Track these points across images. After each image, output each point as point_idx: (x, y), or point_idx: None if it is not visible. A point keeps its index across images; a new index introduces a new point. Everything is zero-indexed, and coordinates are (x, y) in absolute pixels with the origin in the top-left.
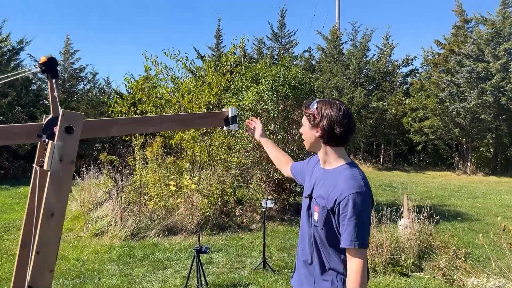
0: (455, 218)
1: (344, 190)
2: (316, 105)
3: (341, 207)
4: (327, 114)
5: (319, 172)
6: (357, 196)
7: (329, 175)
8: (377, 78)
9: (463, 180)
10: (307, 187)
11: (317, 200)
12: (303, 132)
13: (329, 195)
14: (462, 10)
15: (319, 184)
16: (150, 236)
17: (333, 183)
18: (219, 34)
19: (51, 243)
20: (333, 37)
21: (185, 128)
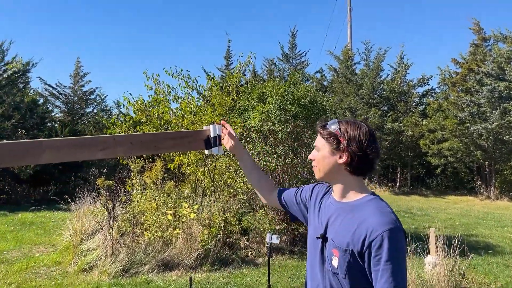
0: (485, 251)
1: (375, 227)
2: (339, 126)
3: (373, 248)
4: (356, 136)
5: (334, 206)
6: (392, 233)
7: (350, 210)
8: (392, 98)
9: (487, 205)
10: (316, 224)
11: (335, 241)
12: (319, 157)
13: (354, 234)
14: (480, 28)
15: (337, 221)
16: (143, 272)
17: (358, 219)
18: (229, 55)
19: None
20: (345, 57)
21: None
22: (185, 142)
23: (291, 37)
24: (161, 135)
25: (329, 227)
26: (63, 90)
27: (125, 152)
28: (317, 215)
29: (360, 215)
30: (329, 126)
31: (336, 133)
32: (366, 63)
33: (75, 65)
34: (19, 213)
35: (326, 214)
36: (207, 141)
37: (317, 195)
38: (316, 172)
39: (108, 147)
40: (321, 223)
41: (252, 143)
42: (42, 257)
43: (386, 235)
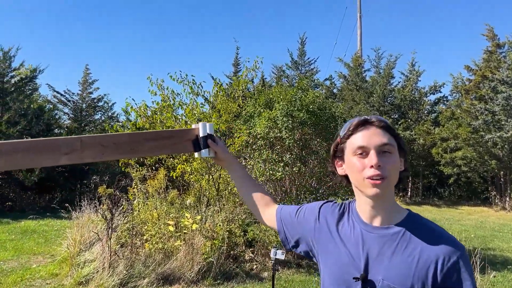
0: (504, 266)
1: (447, 255)
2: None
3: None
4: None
5: (374, 234)
6: (466, 258)
7: (399, 236)
8: (403, 106)
9: (503, 217)
10: (344, 261)
11: (390, 282)
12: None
13: (417, 268)
14: (494, 35)
15: (385, 254)
16: (142, 286)
17: (414, 247)
18: (237, 63)
19: None
20: (355, 64)
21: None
22: (169, 144)
23: (300, 44)
24: (139, 136)
25: (373, 263)
26: (71, 97)
27: (94, 156)
28: (341, 245)
29: (417, 241)
30: (391, 123)
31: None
32: (376, 70)
33: (83, 72)
34: (22, 221)
35: (360, 245)
36: (196, 142)
37: (326, 218)
38: (382, 186)
39: (74, 151)
40: (352, 258)
41: (258, 150)
42: (39, 268)
43: (463, 263)
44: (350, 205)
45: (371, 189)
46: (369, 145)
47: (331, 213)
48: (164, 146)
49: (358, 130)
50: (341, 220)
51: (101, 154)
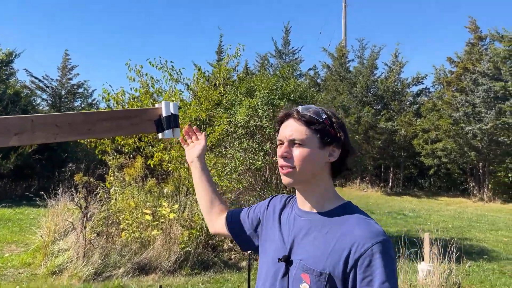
0: (480, 256)
1: (362, 241)
2: (327, 114)
3: (359, 267)
4: (344, 127)
5: (303, 219)
6: (384, 246)
7: (325, 222)
8: (385, 97)
9: (480, 207)
10: (277, 243)
11: (306, 263)
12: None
13: (332, 253)
14: (476, 27)
15: (308, 237)
16: (117, 275)
17: (336, 233)
18: (221, 51)
19: None
20: (339, 55)
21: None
22: (128, 124)
23: (285, 33)
24: (95, 115)
25: (296, 246)
26: (50, 83)
27: (47, 137)
28: (278, 230)
29: (340, 228)
30: (315, 114)
31: (326, 122)
32: (360, 60)
33: (62, 58)
34: None
35: (291, 229)
36: (158, 123)
37: (274, 207)
38: (289, 175)
39: (24, 131)
40: (283, 241)
41: (238, 139)
42: (12, 257)
43: (377, 250)
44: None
45: (282, 177)
46: (283, 137)
47: (279, 203)
48: (122, 126)
49: (282, 122)
50: (285, 208)
51: (55, 135)
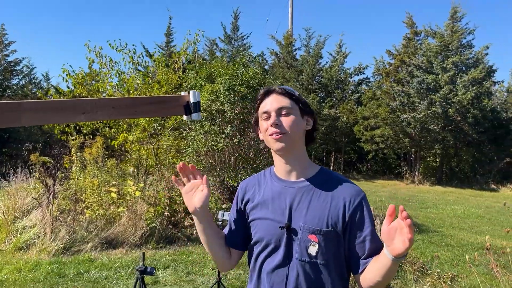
0: None
1: (352, 197)
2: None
3: (354, 218)
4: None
5: (293, 188)
6: (366, 199)
7: (314, 187)
8: (329, 85)
9: (412, 189)
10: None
11: (310, 225)
12: (293, 121)
13: (330, 211)
14: (412, 22)
15: (303, 203)
16: (86, 250)
17: (326, 195)
18: (170, 33)
19: None
20: (287, 42)
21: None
22: (164, 108)
23: (234, 18)
24: (141, 100)
25: (294, 213)
26: None
27: (105, 116)
28: (265, 207)
29: (329, 190)
30: (291, 90)
31: (299, 96)
32: (306, 49)
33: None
34: None
35: (282, 199)
36: (187, 107)
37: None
38: (281, 140)
39: (89, 111)
40: (277, 213)
41: (200, 122)
42: None
43: (363, 203)
44: (266, 172)
45: (274, 144)
46: (270, 109)
47: (248, 189)
48: (160, 109)
49: (264, 98)
50: (260, 188)
51: (110, 114)
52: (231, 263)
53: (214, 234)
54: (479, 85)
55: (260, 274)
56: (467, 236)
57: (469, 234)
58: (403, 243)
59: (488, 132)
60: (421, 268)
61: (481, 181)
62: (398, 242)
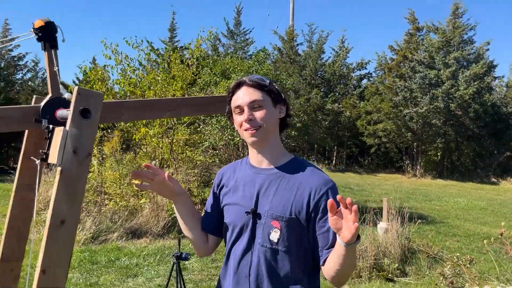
0: (416, 221)
1: (318, 187)
2: (268, 79)
3: (318, 208)
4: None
5: (263, 175)
6: (334, 190)
7: (283, 175)
8: (332, 80)
9: (414, 182)
10: (240, 201)
11: (274, 212)
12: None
13: (295, 199)
14: (414, 18)
15: (270, 190)
16: (112, 239)
17: (295, 182)
18: (173, 28)
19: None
20: (289, 38)
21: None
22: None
23: (236, 13)
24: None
25: (261, 199)
26: None
27: (187, 112)
28: (235, 192)
29: (297, 178)
30: (262, 80)
31: (270, 85)
32: (309, 44)
33: (2, 27)
34: None
35: (251, 185)
36: None
37: (221, 178)
38: (256, 134)
39: (174, 108)
40: (246, 198)
41: (216, 117)
42: (2, 226)
43: (330, 193)
44: (243, 160)
45: (249, 138)
46: (242, 104)
47: (225, 174)
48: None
49: (235, 91)
50: (234, 174)
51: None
52: (207, 248)
53: (190, 218)
54: (480, 80)
55: (228, 258)
56: (473, 226)
57: (474, 224)
58: (349, 230)
59: (489, 127)
60: (432, 256)
61: (482, 175)
62: (344, 229)
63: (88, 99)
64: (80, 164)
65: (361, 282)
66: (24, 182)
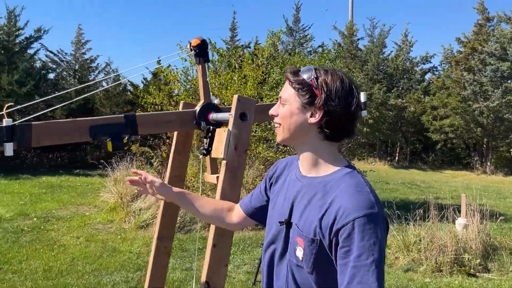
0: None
1: (346, 211)
2: (315, 74)
3: (340, 237)
4: (336, 89)
5: (300, 183)
6: (366, 221)
7: (318, 187)
8: (395, 75)
9: (484, 180)
10: (279, 204)
11: (300, 228)
12: (285, 113)
13: (322, 219)
14: (484, 8)
15: (302, 201)
16: (196, 229)
17: (327, 198)
18: (234, 27)
19: (226, 234)
20: (349, 33)
21: None
22: None
23: (295, 10)
24: None
25: (295, 209)
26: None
27: None
28: (279, 192)
29: (331, 195)
30: (302, 74)
31: (311, 83)
32: (370, 39)
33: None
34: (41, 177)
35: (291, 192)
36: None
37: (276, 169)
38: (279, 132)
39: None
40: (283, 204)
41: None
42: (93, 216)
43: (357, 223)
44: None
45: None
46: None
47: (278, 169)
48: None
49: None
50: (283, 173)
51: None
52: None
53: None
54: None
55: (261, 263)
56: None
57: None
58: None
59: None
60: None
61: None
62: None
63: (245, 104)
64: (239, 158)
65: (442, 276)
66: (174, 174)
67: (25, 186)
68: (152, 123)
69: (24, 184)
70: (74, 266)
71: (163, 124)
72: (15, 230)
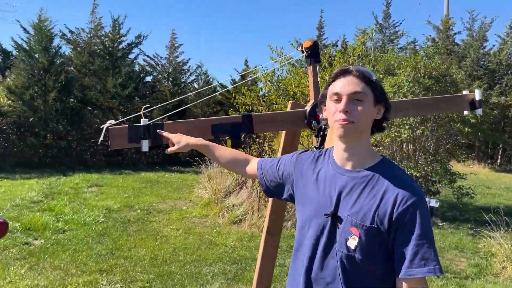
0: None
1: (404, 197)
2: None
3: (402, 221)
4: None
5: (346, 177)
6: (422, 203)
7: (368, 179)
8: (497, 71)
9: None
10: (320, 200)
11: (354, 218)
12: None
13: (379, 208)
14: None
15: (353, 194)
16: (287, 227)
17: (381, 189)
18: (321, 26)
19: None
20: (445, 27)
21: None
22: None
23: (386, 6)
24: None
25: (342, 202)
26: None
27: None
28: (316, 186)
29: (383, 184)
30: (370, 74)
31: (377, 82)
32: (469, 33)
33: (170, 37)
34: (141, 173)
35: (332, 186)
36: (472, 103)
37: (304, 163)
38: (348, 128)
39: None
40: (325, 197)
41: None
42: (190, 210)
43: (418, 205)
44: (327, 151)
45: (338, 130)
46: (342, 92)
47: (308, 159)
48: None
49: (338, 78)
50: (317, 165)
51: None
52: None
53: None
54: None
55: (298, 255)
56: None
57: None
58: None
59: None
60: None
61: None
62: None
63: None
64: None
65: None
66: None
67: (128, 181)
68: (267, 122)
69: (127, 179)
70: (176, 255)
71: (277, 123)
72: (123, 220)
